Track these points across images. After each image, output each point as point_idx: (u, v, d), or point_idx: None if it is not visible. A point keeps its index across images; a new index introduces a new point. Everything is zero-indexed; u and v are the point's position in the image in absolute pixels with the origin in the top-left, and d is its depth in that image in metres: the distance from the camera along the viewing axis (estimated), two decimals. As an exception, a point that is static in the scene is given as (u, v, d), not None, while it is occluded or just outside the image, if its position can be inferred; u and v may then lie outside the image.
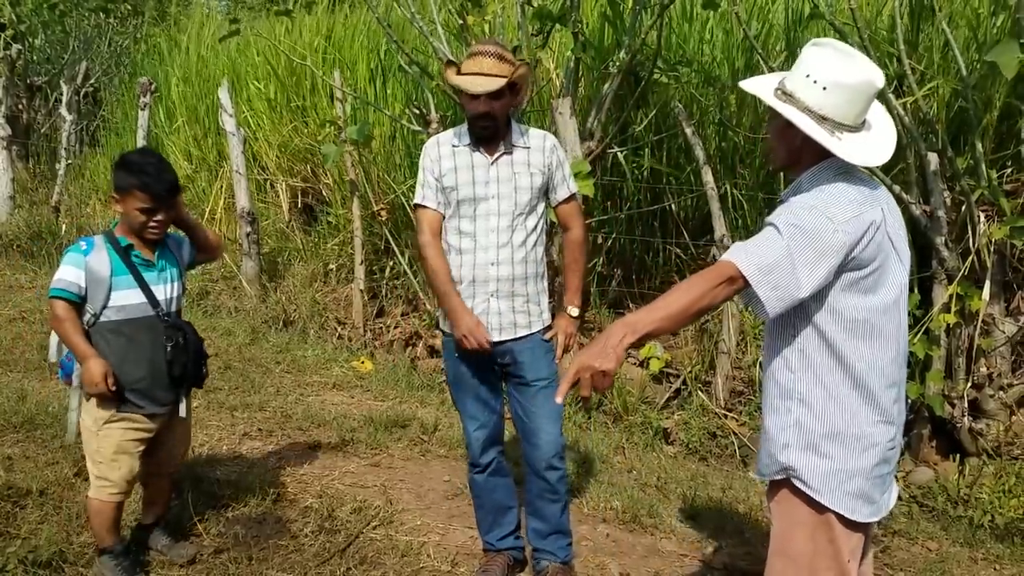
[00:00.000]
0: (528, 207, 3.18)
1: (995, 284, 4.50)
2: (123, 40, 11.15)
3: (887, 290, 2.17)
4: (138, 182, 3.00)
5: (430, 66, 6.24)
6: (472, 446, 3.37)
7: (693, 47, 6.09)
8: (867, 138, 2.18)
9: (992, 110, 4.73)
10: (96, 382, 2.98)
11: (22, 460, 4.09)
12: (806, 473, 2.22)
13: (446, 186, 3.16)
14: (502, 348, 3.24)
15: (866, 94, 2.13)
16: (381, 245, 6.98)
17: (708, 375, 5.32)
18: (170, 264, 3.23)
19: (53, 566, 3.23)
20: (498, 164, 3.16)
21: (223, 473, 4.17)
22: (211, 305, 7.21)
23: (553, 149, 3.25)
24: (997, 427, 4.45)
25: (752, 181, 5.66)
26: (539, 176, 3.20)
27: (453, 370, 3.33)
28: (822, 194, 2.13)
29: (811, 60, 2.15)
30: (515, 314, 3.23)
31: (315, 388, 5.66)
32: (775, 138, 2.28)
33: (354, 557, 3.52)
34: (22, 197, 9.39)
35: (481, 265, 3.17)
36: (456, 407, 3.45)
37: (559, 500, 3.35)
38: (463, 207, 3.16)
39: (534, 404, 3.26)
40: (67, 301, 3.01)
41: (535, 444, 3.28)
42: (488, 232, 3.15)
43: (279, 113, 8.31)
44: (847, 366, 2.16)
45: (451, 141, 3.21)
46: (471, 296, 3.20)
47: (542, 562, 3.43)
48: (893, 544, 3.98)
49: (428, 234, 3.21)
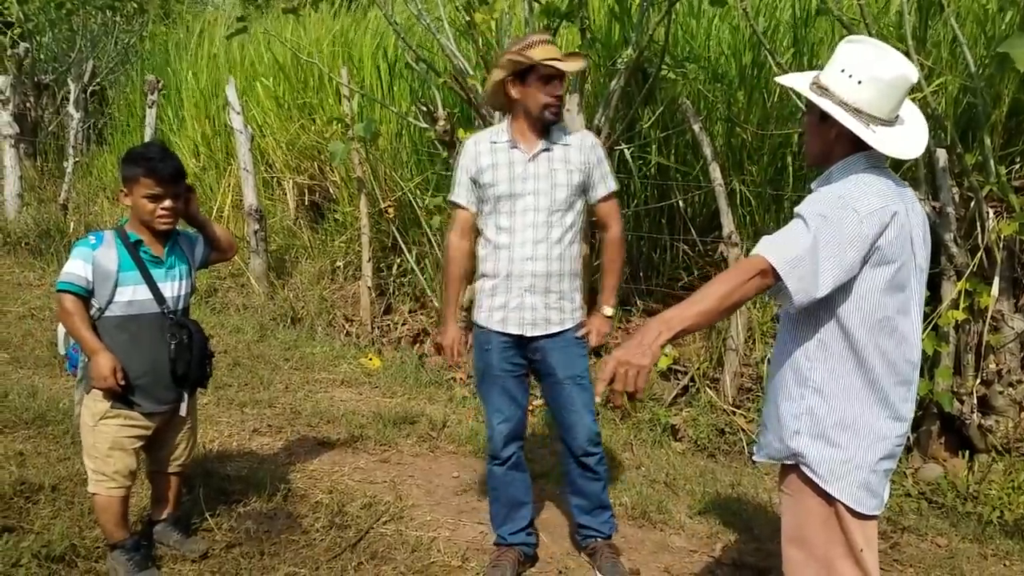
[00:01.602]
0: (565, 204, 3.23)
1: (1004, 280, 4.49)
2: (130, 38, 11.16)
3: (906, 287, 2.18)
4: (143, 168, 3.03)
5: (437, 63, 6.25)
6: (495, 439, 3.41)
7: (700, 43, 6.09)
8: (900, 132, 2.22)
9: (1001, 106, 4.72)
10: (105, 375, 2.98)
11: (34, 456, 4.11)
12: (815, 461, 2.25)
13: (484, 182, 3.24)
14: (534, 344, 3.31)
15: (901, 88, 2.17)
16: (388, 242, 6.99)
17: (716, 372, 5.32)
18: (180, 262, 3.24)
19: (66, 560, 3.25)
20: (536, 161, 3.22)
21: (233, 469, 4.19)
22: (219, 302, 7.23)
23: (593, 147, 3.31)
24: (1006, 423, 4.45)
25: (760, 177, 5.65)
26: (577, 174, 3.25)
27: (482, 362, 3.37)
28: (850, 184, 2.17)
29: (846, 56, 2.19)
30: (548, 310, 3.28)
31: (323, 385, 5.67)
32: (810, 133, 2.32)
33: (364, 552, 3.53)
34: (30, 195, 9.41)
35: (517, 260, 3.23)
36: (481, 399, 3.48)
37: (600, 479, 3.49)
38: (501, 203, 3.23)
39: (570, 399, 3.35)
40: (74, 295, 3.02)
41: (573, 435, 3.40)
42: (525, 228, 3.21)
43: (287, 111, 8.32)
44: (863, 360, 2.19)
45: (490, 139, 3.30)
46: (506, 291, 3.27)
47: (588, 539, 3.56)
48: (902, 540, 3.98)
49: (455, 232, 3.38)
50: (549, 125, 3.22)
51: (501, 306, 3.29)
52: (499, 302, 3.29)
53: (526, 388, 3.44)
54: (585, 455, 3.41)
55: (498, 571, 3.39)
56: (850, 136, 2.17)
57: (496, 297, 3.30)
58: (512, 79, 3.18)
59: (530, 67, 3.12)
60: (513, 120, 3.27)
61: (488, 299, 3.33)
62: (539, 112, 3.17)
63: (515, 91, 3.21)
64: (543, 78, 3.12)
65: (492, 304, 3.31)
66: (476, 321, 3.38)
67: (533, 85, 3.15)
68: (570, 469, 3.48)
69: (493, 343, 3.31)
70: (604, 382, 2.00)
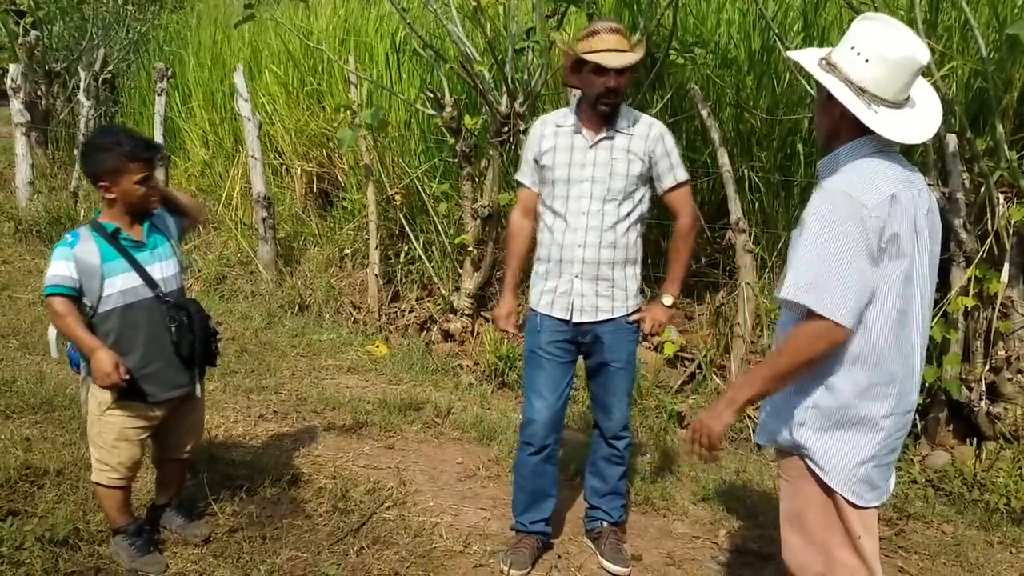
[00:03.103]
0: (622, 193, 3.20)
1: (1014, 266, 4.44)
2: (141, 26, 11.16)
3: (912, 276, 2.15)
4: (126, 156, 2.91)
5: (444, 49, 6.22)
6: (532, 424, 3.37)
7: (710, 28, 6.04)
8: (908, 115, 2.15)
9: (1012, 91, 4.65)
10: (108, 373, 2.89)
11: (40, 441, 4.14)
12: (817, 454, 2.24)
13: (544, 164, 3.25)
14: (583, 329, 3.31)
15: (908, 69, 2.10)
16: (396, 230, 6.98)
17: (723, 359, 5.30)
18: (161, 241, 3.14)
19: (70, 544, 3.27)
20: (597, 148, 3.20)
21: (238, 454, 4.21)
22: (228, 290, 7.24)
23: (658, 138, 3.25)
24: (1014, 411, 4.40)
25: (769, 164, 5.61)
26: (637, 164, 3.21)
27: (531, 343, 3.38)
28: (855, 175, 2.11)
29: (858, 33, 2.14)
30: (598, 298, 3.27)
31: (330, 371, 5.68)
32: (819, 111, 2.28)
33: (367, 537, 3.54)
34: (41, 183, 9.44)
35: (568, 246, 3.23)
36: (524, 384, 3.46)
37: (623, 464, 3.53)
38: (558, 187, 3.23)
39: (612, 383, 3.37)
40: (63, 296, 2.93)
41: (608, 416, 3.43)
42: (579, 214, 3.20)
43: (295, 98, 8.31)
44: (874, 353, 2.16)
45: (556, 121, 3.30)
46: (557, 275, 3.28)
47: (594, 521, 3.58)
48: (908, 527, 3.96)
49: (517, 211, 3.46)
50: (605, 115, 3.18)
51: (551, 290, 3.30)
52: (550, 286, 3.31)
53: (571, 377, 3.42)
54: (615, 438, 3.45)
55: (519, 558, 3.40)
56: (854, 117, 2.12)
57: (548, 281, 3.32)
58: (572, 67, 3.19)
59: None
60: (580, 105, 3.26)
61: (541, 282, 3.35)
62: (593, 101, 3.15)
63: (575, 79, 3.22)
64: (596, 69, 3.08)
65: (544, 287, 3.33)
66: (532, 306, 3.40)
67: (588, 75, 3.13)
68: (597, 450, 3.52)
69: (543, 325, 3.32)
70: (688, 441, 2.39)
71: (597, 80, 3.10)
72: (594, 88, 3.11)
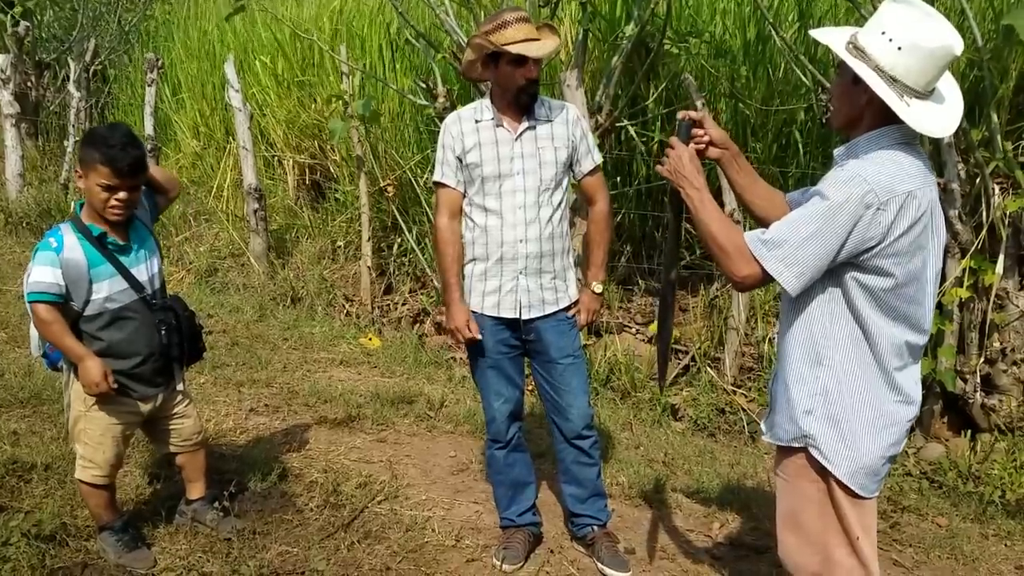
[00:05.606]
0: (553, 182, 3.14)
1: (1009, 258, 4.43)
2: (132, 17, 11.08)
3: (918, 269, 2.11)
4: (101, 156, 2.81)
5: (438, 40, 6.17)
6: (496, 421, 3.34)
7: (704, 18, 5.99)
8: (935, 108, 2.07)
9: (1008, 81, 4.63)
10: (96, 381, 2.88)
11: (28, 435, 4.10)
12: (824, 443, 2.19)
13: (470, 163, 3.12)
14: (528, 326, 3.24)
15: (942, 60, 2.01)
16: (388, 222, 6.94)
17: (717, 351, 5.28)
18: (144, 239, 3.09)
19: (57, 540, 3.23)
20: (522, 140, 3.12)
21: (229, 449, 4.17)
22: (219, 282, 7.20)
23: (576, 121, 3.20)
24: (1009, 402, 4.39)
25: (764, 154, 5.58)
26: (564, 150, 3.15)
27: (477, 347, 3.28)
28: (875, 165, 2.04)
29: (889, 17, 2.02)
30: (543, 291, 3.21)
31: (322, 364, 5.64)
32: (838, 95, 2.17)
33: (358, 531, 3.51)
34: (31, 174, 9.39)
35: (509, 243, 3.14)
36: (477, 383, 3.41)
37: (594, 464, 3.41)
38: (488, 184, 3.12)
39: (562, 380, 3.26)
40: (48, 303, 2.87)
41: (567, 417, 3.30)
42: (515, 209, 3.12)
43: (287, 88, 8.25)
44: (880, 344, 2.12)
45: (473, 117, 3.16)
46: (498, 274, 3.18)
47: (584, 528, 3.47)
48: (903, 520, 3.94)
49: (444, 215, 3.23)
50: (526, 105, 3.10)
51: (494, 290, 3.20)
52: (492, 286, 3.21)
53: (522, 369, 3.38)
54: (578, 438, 3.32)
55: (511, 552, 3.36)
56: (881, 105, 2.02)
57: (488, 281, 3.21)
58: (484, 61, 3.06)
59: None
60: (494, 97, 3.15)
61: (481, 283, 3.23)
62: (515, 94, 3.06)
63: (488, 73, 3.11)
64: (514, 60, 2.98)
65: (484, 288, 3.22)
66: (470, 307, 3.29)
67: (505, 68, 3.02)
68: (563, 455, 3.40)
69: (487, 327, 3.23)
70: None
71: (516, 72, 2.99)
72: (513, 80, 3.01)
